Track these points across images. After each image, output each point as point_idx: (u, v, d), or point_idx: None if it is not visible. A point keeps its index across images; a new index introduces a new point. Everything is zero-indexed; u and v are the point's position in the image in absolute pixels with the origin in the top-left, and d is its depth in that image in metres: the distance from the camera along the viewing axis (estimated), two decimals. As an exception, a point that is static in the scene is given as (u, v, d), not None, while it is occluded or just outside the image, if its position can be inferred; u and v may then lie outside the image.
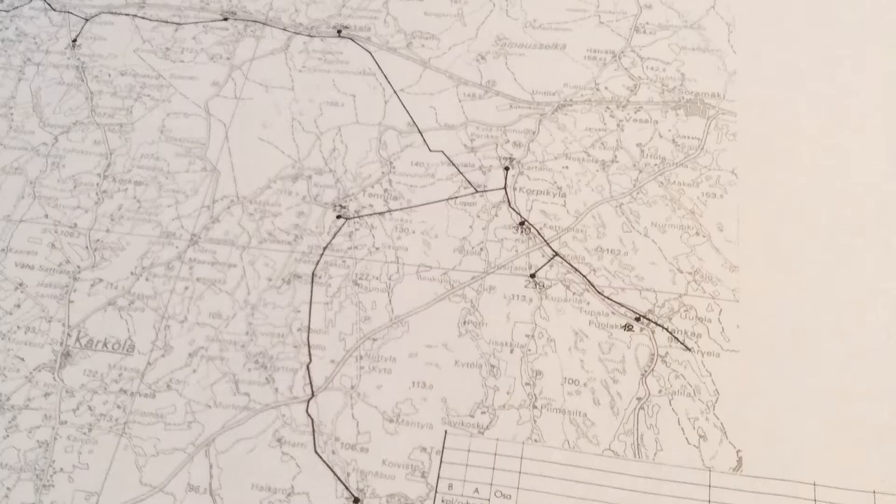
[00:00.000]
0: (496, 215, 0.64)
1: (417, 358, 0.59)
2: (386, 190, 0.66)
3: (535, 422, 0.56)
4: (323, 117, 0.69)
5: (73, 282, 0.63)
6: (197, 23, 0.74)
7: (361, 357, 0.59)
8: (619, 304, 0.60)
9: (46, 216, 0.66)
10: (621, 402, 0.57)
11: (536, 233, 0.63)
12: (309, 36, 0.73)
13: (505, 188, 0.65)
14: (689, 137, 0.67)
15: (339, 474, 0.55)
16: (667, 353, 0.58)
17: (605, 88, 0.69)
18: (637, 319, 0.60)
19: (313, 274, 0.62)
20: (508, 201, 0.65)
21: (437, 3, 0.73)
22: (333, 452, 0.56)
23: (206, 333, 0.60)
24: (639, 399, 0.57)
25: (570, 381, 0.58)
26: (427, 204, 0.65)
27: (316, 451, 0.56)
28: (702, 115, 0.67)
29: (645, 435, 0.56)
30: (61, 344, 0.60)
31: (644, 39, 0.70)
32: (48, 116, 0.70)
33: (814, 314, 0.59)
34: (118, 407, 0.58)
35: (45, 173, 0.68)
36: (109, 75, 0.72)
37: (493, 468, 0.55)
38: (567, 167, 0.66)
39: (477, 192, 0.65)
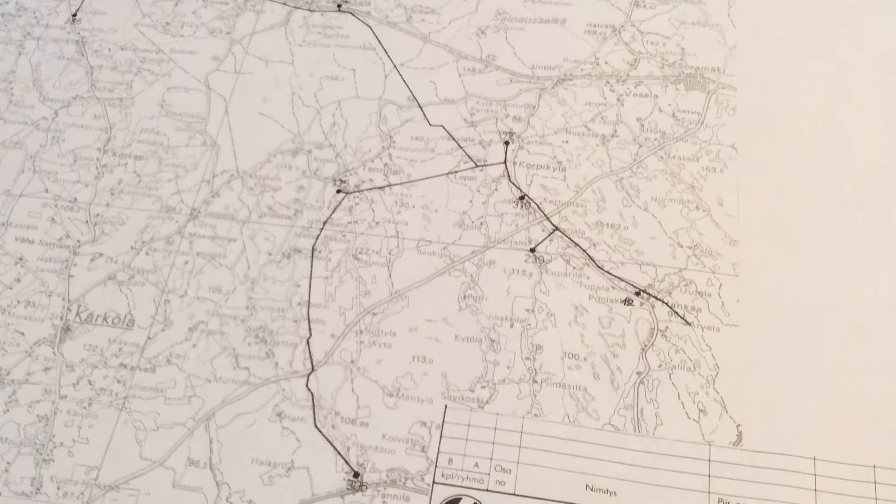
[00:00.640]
0: (496, 190, 0.62)
1: (417, 332, 0.57)
2: (386, 164, 0.63)
3: (535, 396, 0.54)
4: (323, 92, 0.67)
5: (73, 256, 0.61)
6: (197, -3, 0.71)
7: (361, 331, 0.57)
8: (619, 278, 0.58)
9: (46, 191, 0.64)
10: (621, 376, 0.55)
11: (536, 207, 0.61)
12: (309, 10, 0.70)
13: (505, 162, 0.63)
14: (689, 112, 0.64)
15: (339, 449, 0.53)
16: (667, 327, 0.56)
17: (605, 63, 0.66)
18: (637, 294, 0.58)
19: (313, 248, 0.60)
20: (508, 176, 0.62)
21: (437, -22, 0.70)
22: (333, 427, 0.54)
23: (206, 308, 0.58)
24: (639, 373, 0.55)
25: (570, 356, 0.56)
26: (427, 178, 0.63)
27: (316, 426, 0.54)
28: (702, 90, 0.65)
29: (645, 409, 0.54)
30: (61, 318, 0.58)
31: (644, 14, 0.68)
32: (48, 91, 0.68)
33: (814, 288, 0.57)
34: (118, 381, 0.56)
35: (45, 148, 0.65)
36: (109, 50, 0.70)
37: (493, 443, 0.53)
38: (567, 142, 0.64)
39: (477, 166, 0.63)
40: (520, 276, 0.59)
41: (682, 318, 0.57)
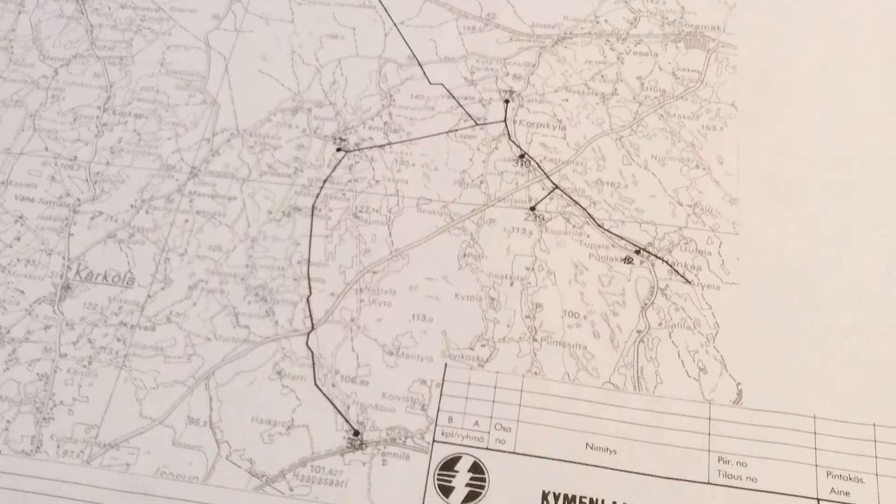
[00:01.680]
0: (496, 148, 0.58)
1: (417, 291, 0.54)
2: (386, 123, 0.60)
3: (535, 355, 0.51)
4: (323, 50, 0.63)
5: (73, 214, 0.57)
6: (197, -44, 0.67)
7: (361, 290, 0.54)
8: (619, 236, 0.55)
9: (46, 149, 0.60)
10: (621, 334, 0.52)
11: (536, 165, 0.58)
12: (309, -32, 0.66)
13: (505, 121, 0.59)
14: (689, 70, 0.61)
15: (339, 407, 0.50)
16: (667, 285, 0.53)
17: (605, 21, 0.63)
18: (637, 252, 0.54)
19: (313, 207, 0.57)
20: (508, 134, 0.59)
21: (437, -64, 0.66)
22: (333, 385, 0.51)
23: (206, 266, 0.55)
24: (639, 332, 0.52)
25: (570, 314, 0.52)
26: (427, 137, 0.59)
27: (316, 384, 0.51)
28: (702, 48, 0.61)
29: (645, 368, 0.51)
30: (61, 277, 0.55)
31: (644, -29, 0.63)
32: (48, 49, 0.64)
33: (814, 247, 0.54)
34: (118, 340, 0.53)
35: (44, 106, 0.62)
36: (109, 8, 0.66)
37: (493, 401, 0.50)
38: (567, 100, 0.60)
39: (477, 124, 0.59)
40: (520, 235, 0.55)
41: (682, 276, 0.54)
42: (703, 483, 0.48)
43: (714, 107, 0.59)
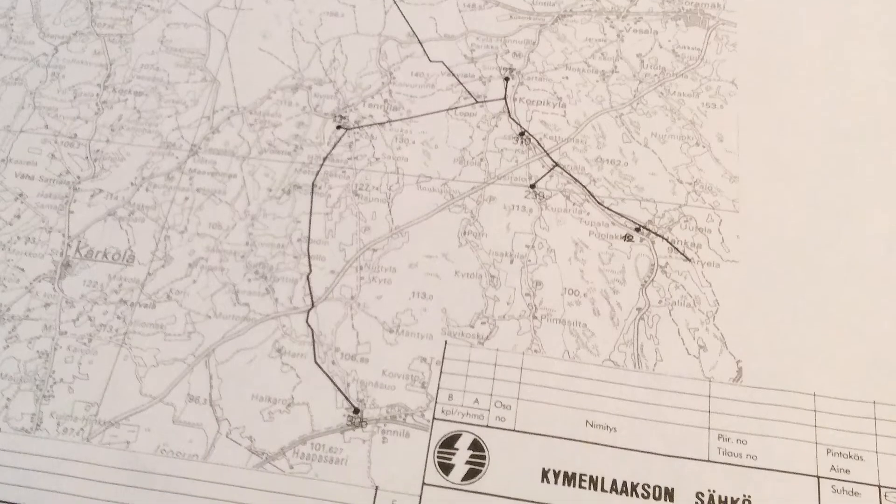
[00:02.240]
0: (496, 126, 0.56)
1: (417, 268, 0.52)
2: (386, 100, 0.58)
3: (535, 332, 0.49)
4: (323, 28, 0.61)
5: (73, 192, 0.55)
6: (197, -67, 0.64)
7: (361, 267, 0.52)
8: (619, 214, 0.53)
9: (46, 127, 0.58)
10: (621, 312, 0.50)
11: (536, 143, 0.55)
12: (308, -54, 0.63)
13: (505, 99, 0.57)
14: (689, 48, 0.59)
15: (339, 385, 0.48)
16: (667, 263, 0.51)
17: (606, -2, 0.60)
18: (637, 230, 0.52)
19: (313, 184, 0.55)
20: (508, 112, 0.57)
21: (437, -87, 0.63)
22: (333, 363, 0.49)
23: (206, 244, 0.53)
24: (639, 309, 0.50)
25: (570, 292, 0.51)
26: (427, 114, 0.57)
27: (316, 362, 0.49)
28: (702, 26, 0.59)
29: (645, 345, 0.49)
30: (61, 254, 0.53)
31: (645, -51, 0.61)
32: (48, 27, 0.62)
33: (814, 224, 0.52)
34: (118, 317, 0.51)
35: (45, 84, 0.59)
36: (109, -14, 0.63)
37: (493, 379, 0.48)
38: (567, 78, 0.58)
39: (477, 102, 0.57)
40: (520, 212, 0.53)
41: (682, 253, 0.52)
42: (703, 461, 0.46)
43: (714, 84, 0.57)
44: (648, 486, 0.46)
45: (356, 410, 0.48)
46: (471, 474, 0.46)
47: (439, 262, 0.52)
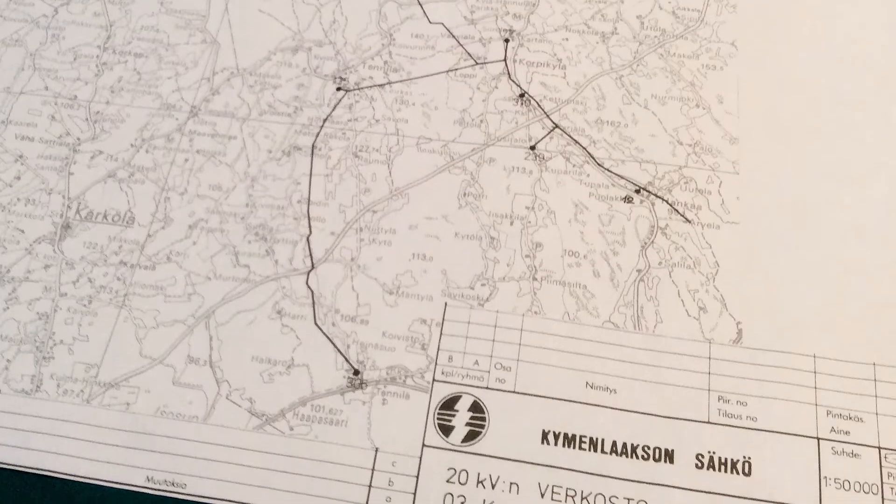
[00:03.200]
0: (496, 87, 0.52)
1: (417, 230, 0.48)
2: (386, 62, 0.54)
3: (534, 294, 0.46)
4: (323, -11, 0.56)
5: (73, 154, 0.51)
6: None
7: (361, 229, 0.48)
8: (618, 175, 0.49)
9: (46, 88, 0.54)
10: (621, 274, 0.47)
11: (536, 105, 0.52)
12: None
13: (505, 60, 0.53)
14: (689, 9, 0.55)
15: (338, 346, 0.45)
16: (667, 224, 0.48)
17: (606, -41, 0.56)
18: (637, 191, 0.49)
19: (313, 146, 0.51)
20: (508, 73, 0.53)
21: None
22: (333, 324, 0.46)
23: (206, 205, 0.49)
24: (639, 271, 0.46)
25: (570, 253, 0.47)
26: (427, 76, 0.53)
27: (316, 324, 0.46)
28: (702, -13, 0.55)
29: (645, 307, 0.46)
30: (61, 216, 0.49)
31: None
32: (48, -12, 0.57)
33: (813, 186, 0.49)
34: (118, 279, 0.47)
35: (45, 45, 0.55)
36: (109, -53, 0.59)
37: (493, 340, 0.45)
38: (567, 39, 0.54)
39: (477, 64, 0.53)
40: (520, 174, 0.50)
41: (682, 215, 0.48)
42: (703, 422, 0.43)
43: (714, 46, 0.54)
44: (648, 448, 0.43)
45: (356, 372, 0.45)
46: (471, 436, 0.43)
47: (439, 224, 0.48)
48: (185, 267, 0.48)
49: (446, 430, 0.43)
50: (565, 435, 0.43)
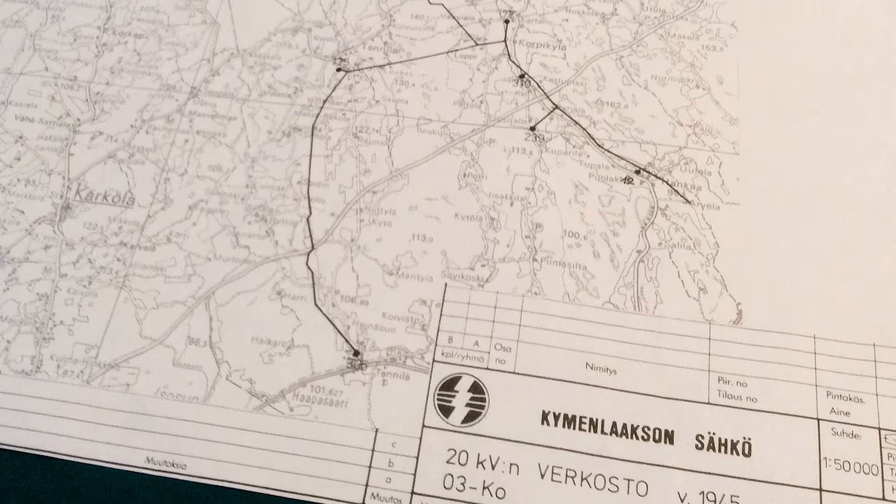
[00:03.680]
0: (496, 68, 0.50)
1: (417, 211, 0.46)
2: (386, 43, 0.52)
3: (534, 274, 0.44)
4: (323, -30, 0.54)
5: (73, 134, 0.50)
6: None
7: (361, 210, 0.46)
8: (618, 156, 0.47)
9: (46, 69, 0.52)
10: (621, 254, 0.45)
11: (536, 86, 0.50)
12: None
13: (505, 41, 0.51)
14: (689, -10, 0.52)
15: (338, 327, 0.43)
16: (667, 205, 0.46)
17: (606, -60, 0.54)
18: (637, 172, 0.47)
19: (313, 127, 0.49)
20: (508, 54, 0.51)
21: None
22: (333, 305, 0.44)
23: (206, 186, 0.48)
24: (639, 252, 0.45)
25: (570, 234, 0.45)
26: (427, 57, 0.51)
27: (316, 304, 0.44)
28: (702, -32, 0.53)
29: (645, 288, 0.44)
30: (61, 197, 0.48)
31: None
32: (48, -31, 0.55)
33: (814, 167, 0.47)
34: (118, 260, 0.46)
35: (45, 26, 0.53)
36: (109, -72, 0.56)
37: (493, 321, 0.43)
38: (567, 20, 0.52)
39: (477, 44, 0.51)
40: (520, 155, 0.48)
41: (682, 196, 0.46)
42: (703, 403, 0.42)
43: (714, 27, 0.52)
44: (648, 429, 0.41)
45: (356, 353, 0.43)
46: (471, 417, 0.41)
47: (439, 205, 0.47)
48: (185, 248, 0.46)
49: (446, 410, 0.42)
50: (565, 416, 0.41)
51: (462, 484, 0.40)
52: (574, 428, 0.41)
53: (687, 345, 0.43)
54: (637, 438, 0.41)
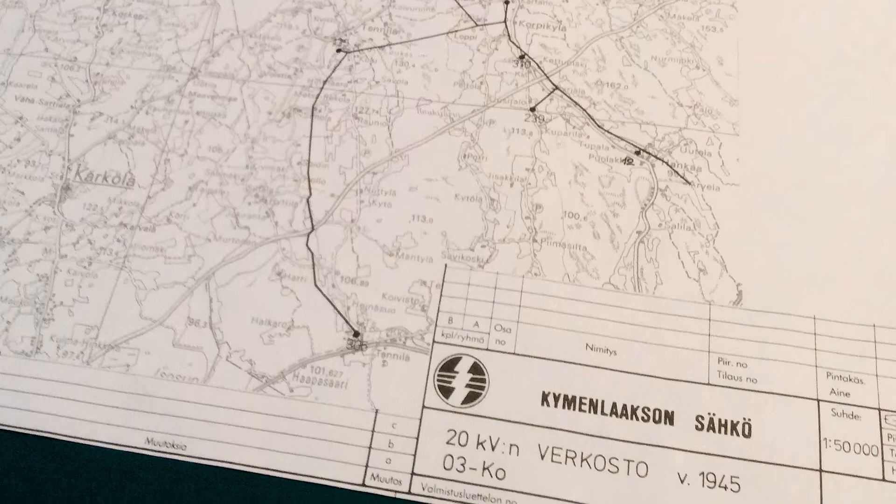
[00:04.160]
0: (496, 49, 0.48)
1: (417, 191, 0.44)
2: (386, 23, 0.49)
3: (535, 255, 0.42)
4: (322, -50, 0.52)
5: (73, 115, 0.48)
6: None
7: (361, 191, 0.44)
8: (619, 137, 0.45)
9: (46, 50, 0.50)
10: (621, 235, 0.43)
11: (536, 66, 0.48)
12: None
13: (505, 22, 0.49)
14: (689, -30, 0.50)
15: (339, 308, 0.42)
16: (667, 186, 0.44)
17: (606, -80, 0.51)
18: (637, 153, 0.45)
19: (313, 107, 0.47)
20: (508, 35, 0.49)
21: None
22: (333, 286, 0.42)
23: (206, 167, 0.46)
24: (639, 233, 0.43)
25: (570, 215, 0.43)
26: (427, 38, 0.49)
27: (316, 285, 0.42)
28: (703, -52, 0.50)
29: (645, 269, 0.42)
30: (61, 178, 0.46)
31: None
32: (48, -50, 0.53)
33: (814, 148, 0.45)
34: (118, 241, 0.44)
35: (44, 7, 0.51)
36: None
37: (493, 302, 0.41)
38: (567, 0, 0.50)
39: (477, 25, 0.49)
40: (520, 136, 0.46)
41: (682, 177, 0.44)
42: (703, 384, 0.40)
43: (714, 7, 0.49)
44: (648, 410, 0.39)
45: (356, 334, 0.41)
46: (471, 397, 0.40)
47: (439, 186, 0.45)
48: (185, 228, 0.44)
49: (446, 391, 0.40)
50: (565, 396, 0.40)
51: (462, 465, 0.38)
52: (574, 409, 0.39)
53: (687, 326, 0.41)
54: (637, 419, 0.39)
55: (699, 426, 0.39)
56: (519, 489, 0.38)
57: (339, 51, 0.49)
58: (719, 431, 0.39)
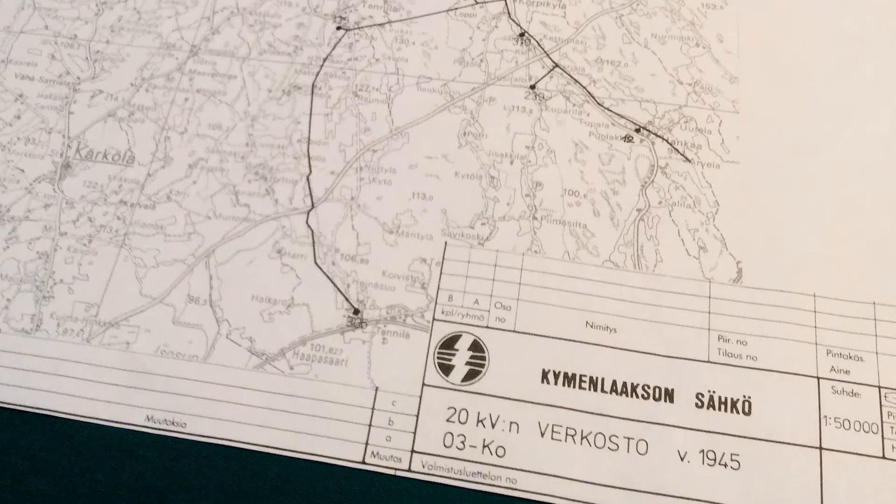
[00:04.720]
0: (496, 27, 0.46)
1: (417, 169, 0.42)
2: (386, 1, 0.47)
3: (535, 233, 0.40)
4: (322, -72, 0.49)
5: (73, 93, 0.45)
6: None
7: (361, 168, 0.42)
8: (618, 115, 0.43)
9: (46, 27, 0.47)
10: (621, 213, 0.41)
11: (536, 44, 0.45)
12: None
13: (505, -1, 0.47)
14: (689, -52, 0.47)
15: (338, 285, 0.39)
16: (667, 164, 0.42)
17: None
18: (637, 130, 0.43)
19: (313, 85, 0.45)
20: (508, 12, 0.46)
21: None
22: (333, 264, 0.40)
23: (206, 145, 0.43)
24: (639, 210, 0.41)
25: (570, 193, 0.41)
26: (427, 15, 0.47)
27: (316, 263, 0.40)
28: (703, -75, 0.48)
29: (645, 246, 0.40)
30: (61, 155, 0.43)
31: None
32: (48, -73, 0.50)
33: (814, 125, 0.43)
34: (118, 218, 0.42)
35: (44, -16, 0.48)
36: None
37: (493, 279, 0.39)
38: (567, -22, 0.47)
39: (477, 3, 0.47)
40: (520, 113, 0.43)
41: (682, 154, 0.42)
42: (703, 361, 0.38)
43: (714, -15, 0.47)
44: (648, 387, 0.37)
45: (356, 311, 0.39)
46: (471, 375, 0.38)
47: (439, 163, 0.42)
48: (185, 206, 0.42)
49: (446, 369, 0.38)
50: (565, 374, 0.38)
51: (462, 442, 0.36)
52: (574, 386, 0.37)
53: (687, 303, 0.39)
54: (637, 397, 0.37)
55: (699, 404, 0.37)
56: (519, 467, 0.36)
57: (339, 28, 0.47)
58: (719, 409, 0.37)
